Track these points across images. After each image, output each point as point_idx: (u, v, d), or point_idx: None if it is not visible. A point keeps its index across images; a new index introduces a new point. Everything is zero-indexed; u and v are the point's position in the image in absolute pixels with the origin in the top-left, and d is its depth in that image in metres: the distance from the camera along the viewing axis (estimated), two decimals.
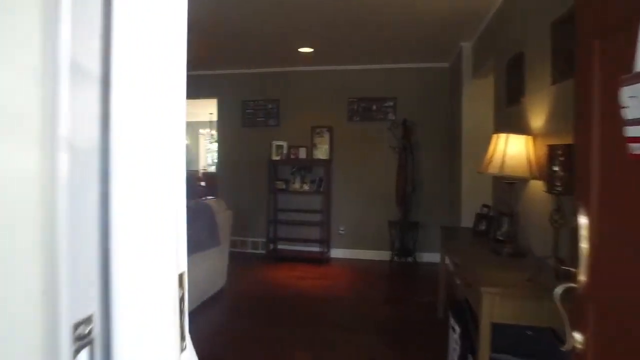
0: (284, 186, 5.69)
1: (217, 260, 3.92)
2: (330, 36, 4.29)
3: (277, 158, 5.70)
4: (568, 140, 1.82)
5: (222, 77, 5.99)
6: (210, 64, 5.60)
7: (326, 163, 5.53)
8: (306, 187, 5.60)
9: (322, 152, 5.64)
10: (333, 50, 4.82)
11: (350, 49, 4.77)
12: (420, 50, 4.75)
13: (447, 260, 3.17)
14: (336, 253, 5.69)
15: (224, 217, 4.08)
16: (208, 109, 7.92)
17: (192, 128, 12.75)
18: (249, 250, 5.98)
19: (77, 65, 0.43)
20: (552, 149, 1.88)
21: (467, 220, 3.93)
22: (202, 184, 10.30)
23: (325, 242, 5.58)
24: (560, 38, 1.98)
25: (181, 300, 0.62)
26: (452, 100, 5.10)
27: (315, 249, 5.70)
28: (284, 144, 5.72)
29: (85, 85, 0.46)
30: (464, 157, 4.28)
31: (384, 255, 5.45)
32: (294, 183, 5.67)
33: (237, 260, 5.40)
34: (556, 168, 1.82)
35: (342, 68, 5.56)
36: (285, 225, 5.73)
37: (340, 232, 5.68)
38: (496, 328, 1.82)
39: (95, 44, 0.46)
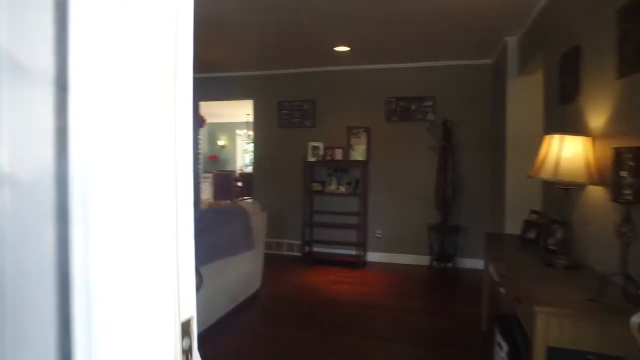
0: (320, 188, 5.58)
1: (252, 263, 3.86)
2: (366, 34, 4.13)
3: (313, 159, 5.60)
4: (639, 142, 1.60)
5: (258, 78, 5.95)
6: (246, 64, 5.58)
7: (363, 164, 5.38)
8: (342, 189, 5.47)
9: (358, 153, 5.48)
10: (370, 48, 4.66)
11: (388, 47, 4.60)
12: (461, 46, 4.51)
13: (491, 269, 2.95)
14: (372, 257, 5.52)
15: (258, 219, 4.01)
16: (245, 110, 7.94)
17: (230, 129, 12.91)
18: (285, 253, 5.91)
19: (14, 60, 0.31)
20: (619, 152, 1.66)
21: (512, 227, 3.68)
22: (239, 184, 10.37)
23: (362, 246, 5.42)
24: (629, 25, 1.74)
25: (187, 353, 0.49)
26: (495, 99, 4.82)
27: (351, 252, 5.55)
28: (320, 145, 5.61)
29: (31, 89, 0.32)
30: (509, 159, 4.01)
31: (422, 260, 5.23)
32: (330, 185, 5.55)
33: (273, 263, 5.34)
34: (624, 174, 1.60)
35: (380, 67, 5.39)
36: (321, 228, 5.62)
37: (377, 235, 5.51)
38: (552, 352, 1.62)
39: (47, 31, 0.33)
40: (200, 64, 5.59)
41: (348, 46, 4.56)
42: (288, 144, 5.84)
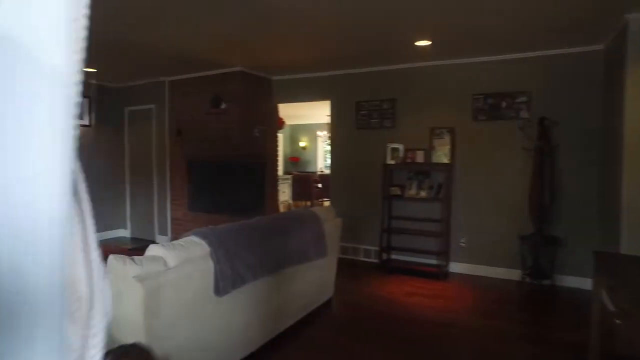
0: (399, 192, 5.23)
1: (324, 271, 3.66)
2: (449, 25, 3.72)
3: (392, 162, 5.26)
4: None
5: (335, 78, 5.76)
6: (323, 65, 5.40)
7: (446, 167, 4.92)
8: (423, 194, 5.06)
9: (441, 155, 5.04)
10: (453, 41, 4.22)
11: (474, 39, 4.12)
12: (563, 31, 3.88)
13: (604, 297, 2.42)
14: (455, 268, 5.04)
15: (332, 225, 3.80)
16: (325, 111, 7.79)
17: (311, 130, 12.94)
18: (361, 259, 5.64)
19: None
20: None
21: (630, 245, 3.04)
22: (319, 186, 10.30)
23: (444, 255, 4.97)
24: None
25: None
26: (607, 92, 4.10)
27: (432, 261, 5.12)
28: (400, 146, 5.26)
29: None
30: (627, 162, 3.35)
31: (513, 274, 4.65)
32: (410, 189, 5.17)
33: (348, 269, 5.12)
34: None
35: (465, 61, 4.89)
36: (400, 235, 5.26)
37: (461, 244, 5.02)
38: None
39: None
40: (278, 67, 5.54)
41: (429, 40, 4.17)
42: (366, 146, 5.56)
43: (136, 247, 5.78)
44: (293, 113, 10.58)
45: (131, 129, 6.81)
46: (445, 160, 5.01)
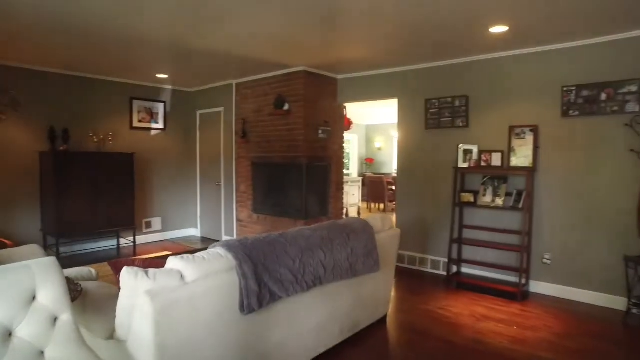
0: (472, 199, 4.64)
1: (376, 287, 3.29)
2: (531, 4, 3.13)
3: (465, 165, 4.69)
4: None
5: (402, 75, 5.30)
6: (389, 60, 4.98)
7: (528, 172, 4.24)
8: (499, 202, 4.42)
9: (522, 158, 4.36)
10: (536, 24, 3.57)
11: (562, 19, 3.45)
12: None
13: None
14: (538, 287, 4.33)
15: (388, 236, 3.41)
16: None
17: (386, 130, 12.43)
18: (428, 270, 5.13)
19: None
20: None
21: None
22: (393, 188, 9.80)
23: (524, 272, 4.29)
24: None
25: None
26: None
27: (509, 278, 4.46)
28: (474, 148, 4.67)
29: None
30: None
31: (615, 302, 3.85)
32: (484, 196, 4.56)
33: (412, 281, 4.67)
34: None
35: (551, 48, 4.16)
36: (472, 246, 4.67)
37: (545, 261, 4.29)
38: None
39: None
40: (343, 65, 5.23)
41: (506, 25, 3.57)
42: (436, 147, 5.04)
43: (199, 249, 5.84)
44: (368, 113, 10.22)
45: (202, 131, 6.97)
46: (527, 163, 4.32)
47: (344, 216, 7.74)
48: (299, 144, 5.44)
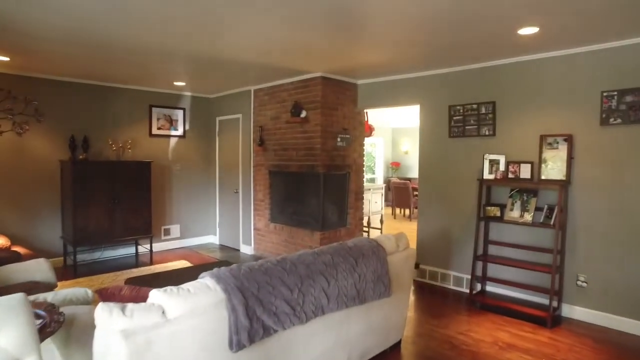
0: (498, 213, 4.29)
1: (388, 312, 3.02)
2: (564, 1, 2.79)
3: (491, 177, 4.34)
4: None
5: (425, 80, 4.99)
6: (412, 65, 4.69)
7: (561, 185, 3.85)
8: (528, 217, 4.05)
9: (554, 169, 3.97)
10: (570, 23, 3.21)
11: (600, 17, 3.07)
12: None
13: None
14: (571, 312, 3.94)
15: (403, 257, 3.14)
16: None
17: (413, 133, 12.01)
18: (450, 287, 4.80)
19: None
20: None
21: None
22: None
23: (555, 294, 3.91)
24: None
25: None
26: None
27: (538, 300, 4.09)
28: (501, 158, 4.31)
29: None
30: None
31: None
32: (511, 210, 4.20)
33: (433, 298, 4.37)
34: None
35: (589, 49, 3.77)
36: (498, 264, 4.31)
37: (580, 283, 3.90)
38: None
39: None
40: (362, 70, 4.98)
41: (537, 26, 3.23)
42: (460, 157, 4.70)
43: (213, 262, 5.74)
44: (394, 115, 9.89)
45: (221, 138, 6.87)
46: (560, 176, 3.93)
47: (364, 226, 7.47)
48: (316, 152, 5.22)
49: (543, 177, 4.03)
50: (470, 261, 4.48)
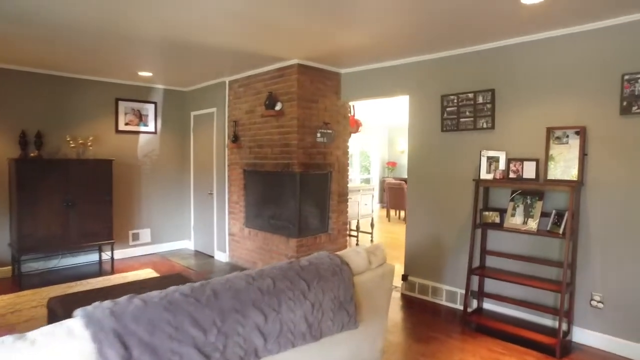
0: (497, 219, 3.63)
1: (355, 348, 2.37)
2: None
3: (489, 177, 3.68)
4: None
5: (414, 67, 4.33)
6: (398, 49, 4.04)
7: (572, 186, 3.18)
8: (533, 225, 3.39)
9: (564, 168, 3.31)
10: None
11: None
12: None
13: None
14: (583, 337, 3.26)
15: (377, 276, 2.49)
16: None
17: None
18: (443, 303, 4.14)
19: None
20: None
21: None
22: None
23: (565, 316, 3.25)
24: None
25: None
26: None
27: (545, 321, 3.44)
28: (501, 155, 3.66)
29: None
30: None
31: None
32: (513, 216, 3.53)
33: (423, 317, 3.71)
34: None
35: (606, 23, 3.10)
36: (496, 278, 3.65)
37: (596, 304, 3.23)
38: None
39: None
40: (344, 57, 4.33)
41: None
42: (453, 154, 4.05)
43: (176, 275, 5.13)
44: (390, 113, 9.25)
45: (196, 134, 6.24)
46: (570, 175, 3.27)
47: (353, 230, 6.81)
48: (292, 150, 4.58)
49: (550, 177, 3.36)
50: (464, 274, 3.83)
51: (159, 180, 6.12)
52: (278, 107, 4.68)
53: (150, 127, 5.97)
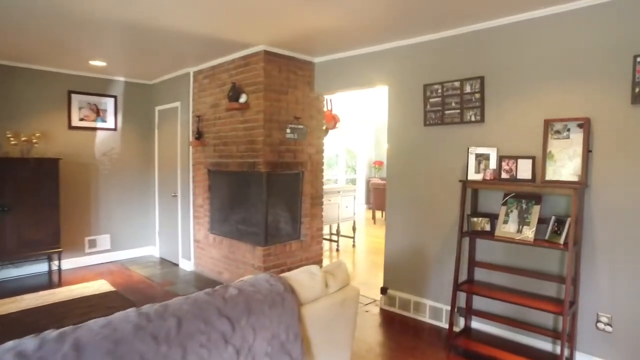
0: (487, 226, 3.11)
1: None
2: None
3: (478, 177, 3.16)
4: None
5: (394, 53, 3.80)
6: (376, 33, 3.51)
7: (574, 189, 2.66)
8: (529, 233, 2.86)
9: (565, 167, 2.79)
10: None
11: None
12: None
13: None
14: None
15: (333, 304, 1.95)
16: None
17: None
18: (426, 320, 3.60)
19: None
20: None
21: None
22: None
23: (568, 340, 2.73)
24: None
25: None
26: None
27: (544, 345, 2.92)
28: (491, 152, 3.14)
29: None
30: None
31: None
32: (506, 223, 3.01)
33: (402, 337, 3.17)
34: None
35: None
36: (486, 293, 3.12)
37: (603, 326, 2.71)
38: None
39: None
40: (318, 41, 3.79)
41: None
42: (438, 151, 3.52)
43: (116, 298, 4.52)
44: (378, 111, 8.73)
45: (161, 131, 5.66)
46: (572, 176, 2.75)
47: (333, 234, 6.28)
48: (258, 147, 4.03)
49: (549, 178, 2.84)
50: (451, 286, 3.30)
51: (120, 181, 5.53)
52: (242, 99, 4.12)
53: (110, 123, 5.38)
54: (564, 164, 2.80)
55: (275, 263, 4.13)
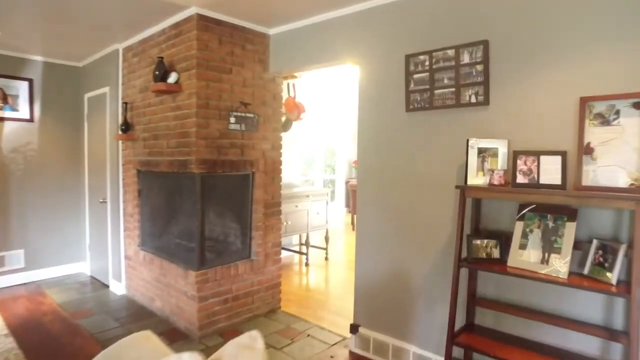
0: (495, 251, 2.13)
1: None
2: None
3: (481, 181, 2.18)
4: None
5: (369, 15, 2.80)
6: None
7: (634, 199, 1.70)
8: (560, 265, 1.89)
9: (612, 166, 1.83)
10: None
11: None
12: None
13: None
14: None
15: None
16: None
17: None
18: None
19: None
20: None
21: None
22: None
23: None
24: None
25: None
26: None
27: None
28: (500, 146, 2.17)
29: None
30: None
31: None
32: (523, 248, 2.03)
33: None
34: None
35: None
36: (495, 355, 2.14)
37: None
38: None
39: None
40: (266, 2, 2.77)
41: None
42: (424, 145, 2.53)
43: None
44: (356, 101, 7.73)
45: (90, 123, 4.56)
46: (626, 179, 1.79)
47: (301, 245, 5.28)
48: (191, 140, 3.00)
49: (588, 183, 1.88)
50: (443, 333, 2.33)
51: (40, 183, 4.42)
52: (172, 78, 3.08)
53: (23, 113, 4.26)
54: (611, 162, 1.84)
55: (215, 291, 3.10)
